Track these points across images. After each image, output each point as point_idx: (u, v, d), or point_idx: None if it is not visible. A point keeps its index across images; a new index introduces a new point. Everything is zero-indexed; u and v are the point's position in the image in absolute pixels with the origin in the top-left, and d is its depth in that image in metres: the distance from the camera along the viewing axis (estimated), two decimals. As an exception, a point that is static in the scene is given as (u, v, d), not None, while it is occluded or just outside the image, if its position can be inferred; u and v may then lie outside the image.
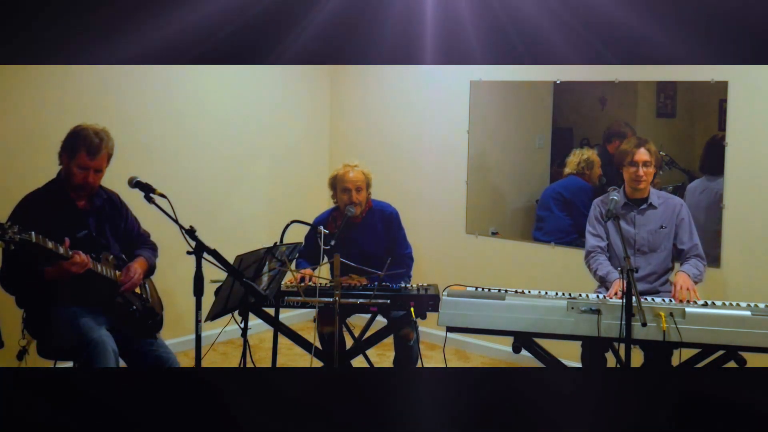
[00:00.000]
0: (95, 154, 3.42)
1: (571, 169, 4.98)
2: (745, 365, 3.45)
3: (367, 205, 4.31)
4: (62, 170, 3.50)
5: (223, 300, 3.37)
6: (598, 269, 3.92)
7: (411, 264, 4.37)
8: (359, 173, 4.24)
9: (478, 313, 3.55)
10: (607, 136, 4.84)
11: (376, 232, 4.29)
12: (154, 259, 3.77)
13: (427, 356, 5.12)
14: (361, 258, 3.95)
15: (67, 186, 3.47)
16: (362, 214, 4.27)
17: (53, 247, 3.16)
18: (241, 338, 3.68)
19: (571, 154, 4.98)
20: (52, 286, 3.32)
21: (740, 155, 4.31)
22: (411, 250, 4.39)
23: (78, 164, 3.41)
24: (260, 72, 5.58)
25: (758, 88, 4.25)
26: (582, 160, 4.95)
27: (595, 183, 4.92)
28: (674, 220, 3.96)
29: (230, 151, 5.46)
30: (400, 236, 4.35)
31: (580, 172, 4.95)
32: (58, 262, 3.23)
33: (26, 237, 3.04)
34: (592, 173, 4.94)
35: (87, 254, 3.33)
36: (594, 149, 4.91)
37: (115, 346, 3.33)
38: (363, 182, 4.24)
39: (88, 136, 3.43)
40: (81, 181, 3.44)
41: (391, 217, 4.33)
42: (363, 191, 4.24)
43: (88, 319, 3.37)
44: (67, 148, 3.45)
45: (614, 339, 3.45)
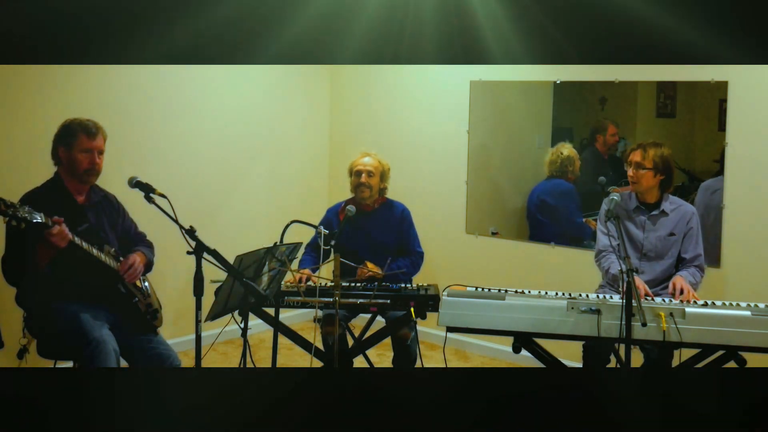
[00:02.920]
0: (94, 135, 3.49)
1: (550, 169, 4.97)
2: (745, 365, 3.44)
3: (380, 197, 4.40)
4: (62, 164, 3.51)
5: (223, 300, 3.37)
6: (610, 268, 3.91)
7: (419, 263, 4.40)
8: (374, 160, 4.36)
9: (478, 313, 3.55)
10: (592, 134, 4.87)
11: (388, 224, 4.36)
12: (152, 256, 3.79)
13: (427, 356, 5.12)
14: (371, 248, 4.07)
15: (73, 176, 3.50)
16: (374, 204, 4.36)
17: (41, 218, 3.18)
18: (241, 338, 3.68)
19: (548, 154, 4.97)
20: (54, 277, 3.33)
21: (740, 155, 4.31)
22: (422, 251, 4.43)
23: (80, 148, 3.46)
24: (260, 72, 5.58)
25: (758, 88, 4.25)
26: (560, 158, 4.92)
27: (576, 178, 4.91)
28: (684, 228, 3.92)
29: (230, 151, 5.47)
30: (413, 233, 4.42)
31: (562, 171, 4.93)
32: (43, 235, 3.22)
33: (37, 218, 3.09)
34: (574, 169, 4.92)
35: (90, 245, 3.37)
36: (570, 144, 4.91)
37: (116, 345, 3.34)
38: (376, 169, 4.33)
39: (82, 122, 3.51)
40: (88, 165, 3.48)
41: (404, 214, 4.42)
42: (375, 177, 4.32)
43: (89, 318, 3.37)
44: (63, 139, 3.49)
45: (614, 339, 3.45)
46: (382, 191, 4.41)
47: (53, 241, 3.19)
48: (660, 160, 3.88)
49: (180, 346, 4.92)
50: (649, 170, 3.87)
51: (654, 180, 3.90)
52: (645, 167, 3.87)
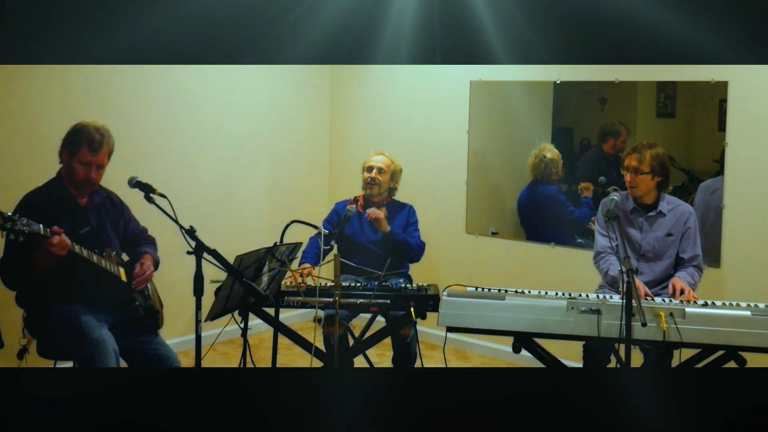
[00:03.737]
0: (97, 150, 3.43)
1: (534, 173, 4.95)
2: (745, 365, 3.44)
3: (389, 196, 4.57)
4: (63, 167, 3.51)
5: (223, 300, 3.37)
6: (609, 269, 3.90)
7: (420, 246, 4.48)
8: (387, 158, 4.55)
9: (478, 313, 3.55)
10: (602, 135, 4.83)
11: (395, 219, 4.50)
12: (157, 254, 3.79)
13: (427, 356, 5.11)
14: (376, 241, 4.26)
15: (69, 183, 3.48)
16: (382, 201, 4.51)
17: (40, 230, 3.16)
18: (241, 338, 3.68)
19: (530, 157, 4.96)
20: (56, 283, 3.32)
21: (740, 155, 4.31)
22: (423, 243, 4.50)
23: (80, 160, 3.43)
24: (261, 72, 5.58)
25: (758, 88, 4.25)
26: (542, 161, 4.90)
27: (560, 178, 4.90)
28: (681, 228, 3.91)
29: (230, 151, 5.47)
30: (414, 226, 4.54)
31: (546, 174, 4.91)
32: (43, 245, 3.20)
33: (36, 230, 3.07)
34: (558, 170, 4.90)
35: (90, 250, 3.35)
36: (551, 144, 4.91)
37: (116, 345, 3.33)
38: (387, 166, 4.51)
39: (90, 133, 3.44)
40: (83, 177, 3.45)
41: (411, 210, 4.60)
42: (386, 174, 4.49)
43: (89, 318, 3.37)
44: (68, 145, 3.46)
45: (614, 339, 3.44)
46: (392, 191, 4.55)
47: (53, 251, 3.18)
48: (657, 162, 3.85)
49: (180, 346, 4.92)
50: (647, 174, 3.85)
51: (652, 183, 3.88)
52: (643, 171, 3.84)
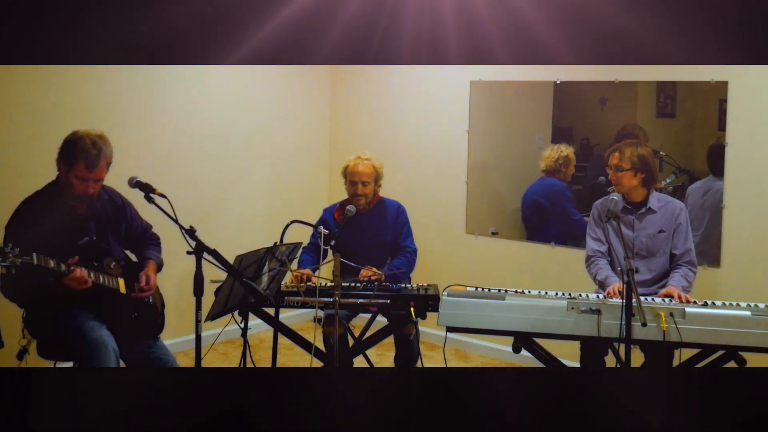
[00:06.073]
0: (94, 166, 3.32)
1: (547, 164, 4.97)
2: (745, 365, 3.44)
3: (375, 198, 4.42)
4: (60, 178, 3.42)
5: (223, 300, 3.37)
6: (597, 274, 3.90)
7: (414, 259, 4.40)
8: (369, 167, 4.35)
9: (478, 313, 3.55)
10: (620, 137, 4.78)
11: (384, 223, 4.39)
12: (161, 257, 3.77)
13: (427, 356, 5.12)
14: (370, 247, 4.10)
15: (67, 195, 3.40)
16: (369, 206, 4.38)
17: (55, 265, 3.13)
18: (241, 338, 3.68)
19: (548, 149, 4.97)
20: (54, 296, 3.30)
21: (740, 155, 4.31)
22: (416, 248, 4.43)
23: (76, 176, 3.33)
24: (261, 72, 5.58)
25: (758, 88, 4.25)
26: (560, 156, 4.92)
27: (569, 181, 4.91)
28: (673, 224, 3.92)
29: (230, 151, 5.46)
30: (407, 228, 4.43)
31: (555, 169, 4.93)
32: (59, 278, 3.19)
33: (27, 260, 3.01)
34: (567, 171, 4.92)
35: (89, 262, 3.32)
36: (571, 147, 4.91)
37: (115, 345, 3.32)
38: (371, 176, 4.34)
39: (86, 148, 3.31)
40: (80, 191, 3.37)
41: (399, 210, 4.45)
42: (370, 185, 4.35)
43: (89, 319, 3.36)
44: (64, 158, 3.35)
45: (614, 339, 3.45)
46: (376, 191, 4.43)
47: (73, 286, 3.18)
48: (637, 159, 3.86)
49: (180, 346, 4.92)
50: (628, 171, 3.87)
51: (635, 179, 3.89)
52: (623, 168, 3.87)
